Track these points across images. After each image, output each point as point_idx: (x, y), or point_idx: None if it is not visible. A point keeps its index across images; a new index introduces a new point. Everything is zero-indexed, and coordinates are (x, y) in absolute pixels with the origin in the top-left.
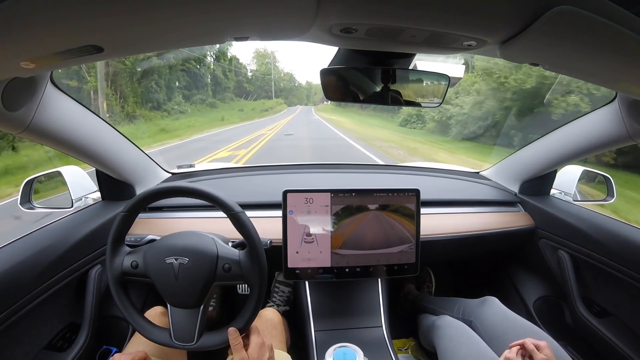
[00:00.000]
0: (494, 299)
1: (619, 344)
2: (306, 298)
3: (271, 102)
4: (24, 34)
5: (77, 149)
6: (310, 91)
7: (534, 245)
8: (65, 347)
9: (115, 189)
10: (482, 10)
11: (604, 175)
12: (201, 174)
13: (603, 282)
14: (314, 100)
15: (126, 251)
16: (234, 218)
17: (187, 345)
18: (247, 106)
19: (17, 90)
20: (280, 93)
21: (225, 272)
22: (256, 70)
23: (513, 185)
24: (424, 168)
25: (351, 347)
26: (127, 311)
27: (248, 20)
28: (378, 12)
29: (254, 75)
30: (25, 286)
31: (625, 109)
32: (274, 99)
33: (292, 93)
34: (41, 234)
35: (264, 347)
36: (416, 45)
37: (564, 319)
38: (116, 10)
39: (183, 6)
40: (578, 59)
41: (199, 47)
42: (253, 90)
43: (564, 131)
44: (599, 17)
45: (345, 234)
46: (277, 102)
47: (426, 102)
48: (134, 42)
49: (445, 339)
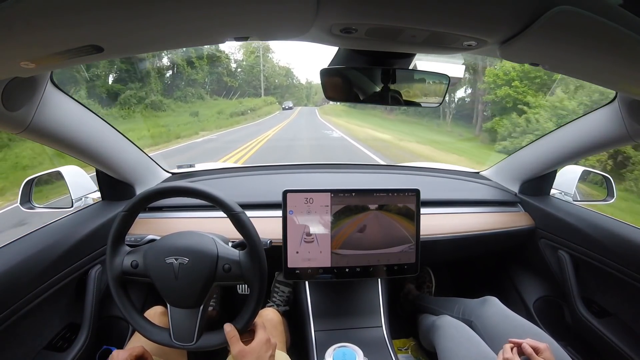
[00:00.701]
0: (494, 298)
1: (619, 344)
2: (306, 298)
3: (255, 102)
4: (24, 34)
5: (77, 148)
6: (311, 90)
7: (534, 245)
8: (65, 347)
9: (115, 189)
10: (482, 10)
11: (604, 175)
12: (201, 173)
13: (603, 282)
14: (314, 100)
15: (126, 251)
16: (234, 218)
17: (186, 345)
18: (217, 107)
19: (17, 90)
20: (275, 91)
21: (225, 273)
22: (242, 61)
23: (513, 185)
24: (424, 168)
25: (351, 347)
26: (127, 311)
27: (248, 20)
28: (378, 13)
29: (239, 66)
30: (25, 286)
31: (625, 109)
32: (262, 97)
33: (289, 91)
34: (41, 234)
35: (269, 343)
36: (416, 45)
37: (564, 319)
38: (116, 10)
39: (183, 6)
40: (578, 59)
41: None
42: (237, 86)
43: (564, 131)
44: (599, 17)
45: (345, 234)
46: (265, 101)
47: (426, 102)
48: (134, 42)
49: (445, 338)
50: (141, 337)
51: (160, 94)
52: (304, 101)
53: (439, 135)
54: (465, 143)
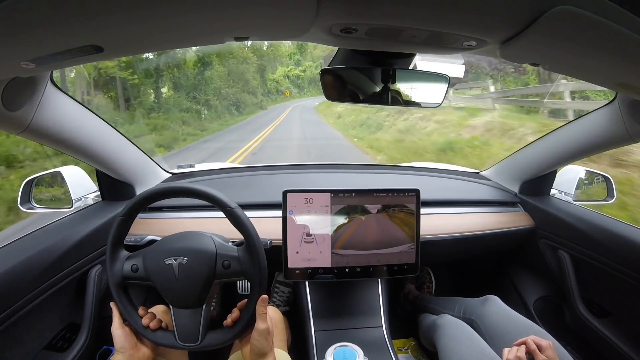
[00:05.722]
0: (495, 297)
1: (619, 344)
2: (306, 298)
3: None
4: (24, 34)
5: (77, 148)
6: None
7: (534, 245)
8: (65, 347)
9: (115, 189)
10: (482, 10)
11: (604, 176)
12: (201, 174)
13: (603, 282)
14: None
15: (126, 255)
16: (229, 214)
17: (192, 346)
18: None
19: (17, 90)
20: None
21: (225, 269)
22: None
23: (513, 185)
24: (424, 168)
25: (351, 346)
26: (129, 314)
27: (248, 20)
28: (378, 12)
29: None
30: (25, 286)
31: (625, 109)
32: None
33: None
34: (41, 234)
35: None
36: (416, 45)
37: (564, 319)
38: (116, 10)
39: (183, 6)
40: (578, 58)
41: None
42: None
43: (564, 131)
44: (599, 17)
45: (345, 234)
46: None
47: (426, 103)
48: (134, 42)
49: (445, 338)
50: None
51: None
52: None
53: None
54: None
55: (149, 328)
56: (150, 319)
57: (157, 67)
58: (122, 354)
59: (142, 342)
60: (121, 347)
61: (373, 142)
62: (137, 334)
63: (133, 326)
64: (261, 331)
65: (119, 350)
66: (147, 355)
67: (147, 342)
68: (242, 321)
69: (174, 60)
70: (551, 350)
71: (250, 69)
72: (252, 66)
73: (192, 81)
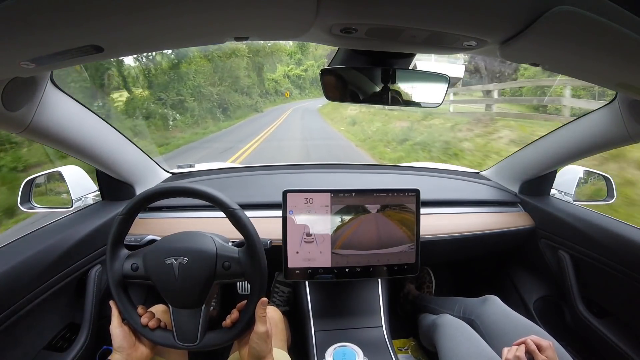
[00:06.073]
0: (495, 297)
1: (619, 344)
2: (306, 298)
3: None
4: (24, 34)
5: (77, 148)
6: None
7: (534, 245)
8: (65, 347)
9: (115, 189)
10: (482, 10)
11: (604, 176)
12: (201, 173)
13: (603, 282)
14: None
15: (126, 254)
16: (231, 215)
17: (190, 346)
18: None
19: (17, 90)
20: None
21: (225, 270)
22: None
23: (513, 185)
24: (424, 168)
25: (351, 346)
26: (128, 314)
27: (248, 20)
28: (378, 12)
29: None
30: (25, 286)
31: (625, 109)
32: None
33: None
34: (41, 234)
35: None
36: (416, 45)
37: (564, 319)
38: (116, 10)
39: (183, 6)
40: (578, 59)
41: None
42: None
43: (564, 131)
44: (599, 17)
45: (345, 234)
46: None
47: (426, 103)
48: (134, 42)
49: (445, 337)
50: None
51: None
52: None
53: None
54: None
55: (148, 327)
56: (149, 318)
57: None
58: (120, 353)
59: (141, 341)
60: (119, 346)
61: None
62: (136, 334)
63: (132, 325)
64: (260, 334)
65: (117, 349)
66: (145, 355)
67: (146, 341)
68: (241, 323)
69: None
70: (551, 351)
71: (241, 63)
72: (244, 60)
73: (161, 79)
